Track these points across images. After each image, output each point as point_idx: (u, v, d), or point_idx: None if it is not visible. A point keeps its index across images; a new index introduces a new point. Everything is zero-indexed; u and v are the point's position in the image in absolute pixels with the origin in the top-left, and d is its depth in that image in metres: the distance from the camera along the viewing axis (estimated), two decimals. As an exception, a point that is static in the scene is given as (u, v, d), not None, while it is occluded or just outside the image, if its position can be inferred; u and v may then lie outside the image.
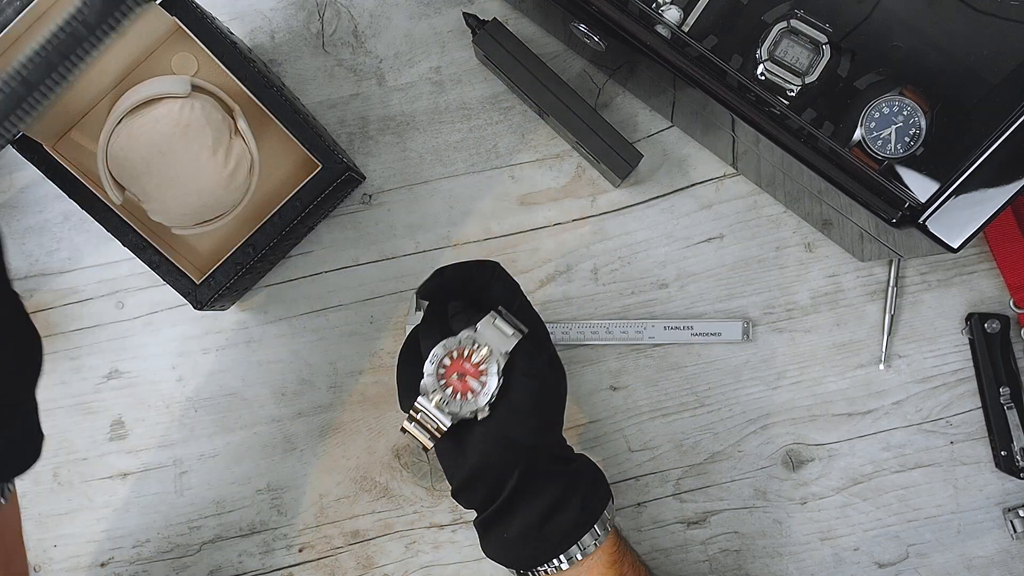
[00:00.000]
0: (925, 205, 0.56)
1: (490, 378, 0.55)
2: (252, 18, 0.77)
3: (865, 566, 0.75)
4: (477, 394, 0.55)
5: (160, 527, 0.77)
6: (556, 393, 0.59)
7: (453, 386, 0.56)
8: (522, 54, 0.72)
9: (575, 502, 0.57)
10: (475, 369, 0.55)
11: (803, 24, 0.57)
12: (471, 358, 0.56)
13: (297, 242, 0.76)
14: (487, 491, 0.57)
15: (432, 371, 0.56)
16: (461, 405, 0.55)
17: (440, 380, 0.56)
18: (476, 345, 0.55)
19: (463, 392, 0.55)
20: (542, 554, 0.57)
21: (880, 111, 0.57)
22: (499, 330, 0.56)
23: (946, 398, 0.75)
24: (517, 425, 0.56)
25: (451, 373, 0.56)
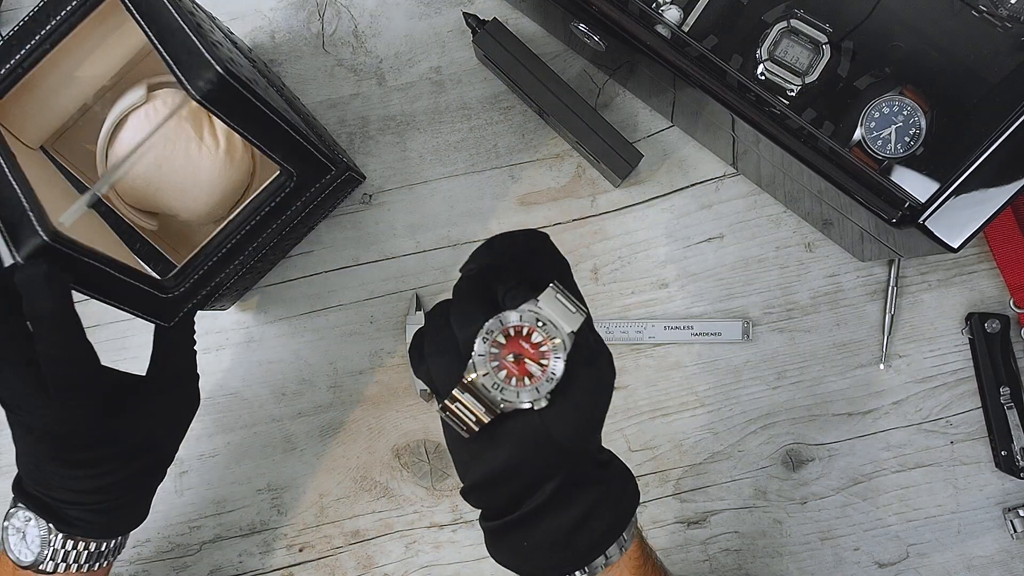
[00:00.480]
0: (925, 205, 0.56)
1: (554, 363, 0.46)
2: (252, 18, 0.77)
3: (865, 566, 0.75)
4: (538, 380, 0.46)
5: (160, 527, 0.77)
6: (610, 391, 0.50)
7: (508, 369, 0.46)
8: (522, 54, 0.72)
9: (607, 510, 0.51)
10: (536, 351, 0.47)
11: (803, 24, 0.58)
12: (531, 337, 0.46)
13: (297, 242, 0.76)
14: (512, 495, 0.49)
15: (484, 350, 0.46)
16: (518, 392, 0.46)
17: (493, 361, 0.46)
18: (540, 323, 0.46)
19: (520, 376, 0.46)
20: (565, 566, 0.51)
21: (880, 111, 0.57)
22: (563, 306, 0.47)
23: (946, 398, 0.75)
24: (567, 425, 0.47)
25: (506, 353, 0.46)
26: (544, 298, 0.47)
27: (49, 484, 0.58)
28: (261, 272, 0.75)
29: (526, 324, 0.46)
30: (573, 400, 0.47)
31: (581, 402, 0.47)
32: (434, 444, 0.76)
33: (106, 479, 0.58)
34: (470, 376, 0.46)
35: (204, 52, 0.53)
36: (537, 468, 0.48)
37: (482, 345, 0.46)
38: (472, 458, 0.49)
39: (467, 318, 0.47)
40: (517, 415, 0.47)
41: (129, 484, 0.60)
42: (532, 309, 0.47)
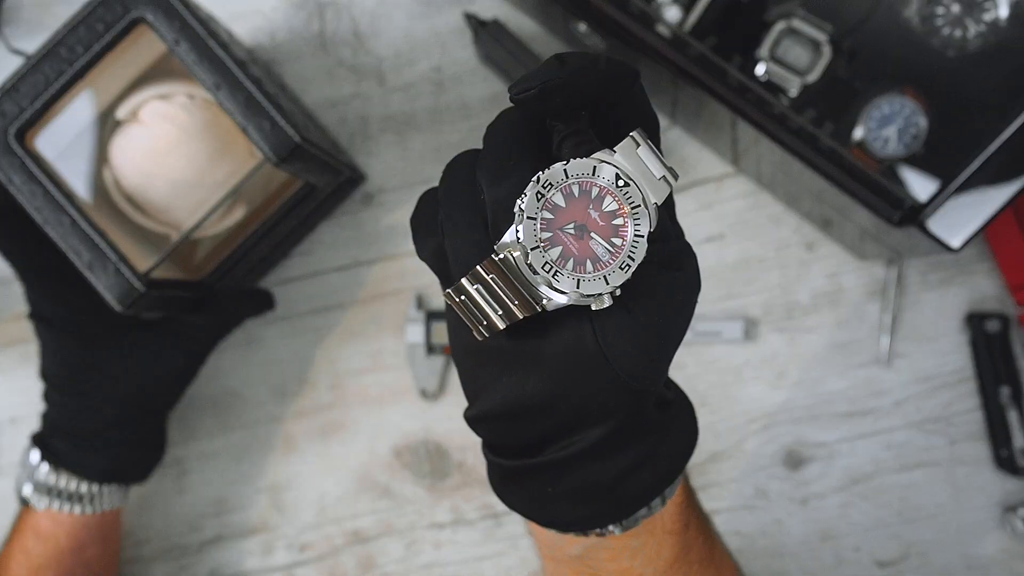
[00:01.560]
0: (925, 205, 0.56)
1: (634, 243, 0.32)
2: (252, 18, 0.77)
3: (866, 566, 0.75)
4: (605, 266, 0.32)
5: (160, 526, 0.77)
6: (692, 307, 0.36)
7: (564, 245, 0.32)
8: (523, 54, 0.72)
9: (663, 456, 0.39)
10: (608, 223, 0.32)
11: (804, 24, 0.58)
12: (603, 204, 0.32)
13: (298, 242, 0.76)
14: (541, 432, 0.36)
15: (534, 209, 0.32)
16: (577, 280, 0.32)
17: (545, 230, 0.32)
18: (620, 182, 0.32)
19: (580, 259, 0.32)
20: (599, 519, 0.39)
21: (881, 111, 0.57)
22: (645, 165, 0.33)
23: (946, 398, 0.75)
24: (634, 351, 0.33)
25: (564, 222, 0.32)
26: (623, 149, 0.33)
27: (47, 415, 0.65)
28: (261, 272, 0.75)
29: (599, 181, 0.32)
30: (647, 315, 0.33)
31: (657, 320, 0.34)
32: (434, 444, 0.76)
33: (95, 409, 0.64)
34: (508, 251, 0.32)
35: (280, 122, 0.57)
36: (582, 405, 0.35)
37: (534, 204, 0.32)
38: (486, 374, 0.36)
39: (507, 166, 0.34)
40: (564, 321, 0.33)
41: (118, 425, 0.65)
42: (610, 160, 0.33)
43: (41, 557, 0.65)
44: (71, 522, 0.65)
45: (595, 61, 0.34)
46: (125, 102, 0.65)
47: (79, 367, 0.64)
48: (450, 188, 0.35)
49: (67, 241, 0.58)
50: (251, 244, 0.69)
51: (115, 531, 0.70)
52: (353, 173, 0.72)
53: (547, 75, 0.33)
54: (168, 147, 0.63)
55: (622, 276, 0.32)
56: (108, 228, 0.61)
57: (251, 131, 0.57)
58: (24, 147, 0.58)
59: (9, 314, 0.77)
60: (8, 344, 0.77)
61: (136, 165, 0.64)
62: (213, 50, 0.57)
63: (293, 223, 0.70)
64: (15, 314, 0.77)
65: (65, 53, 0.58)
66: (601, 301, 0.32)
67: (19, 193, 0.58)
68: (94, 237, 0.58)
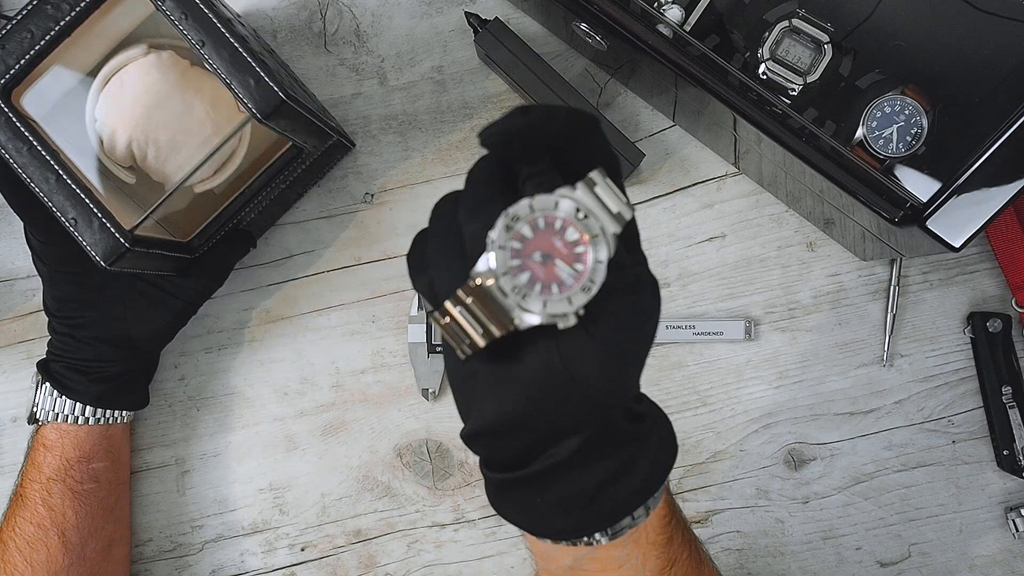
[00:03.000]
0: (927, 204, 0.56)
1: (595, 267, 0.36)
2: (254, 17, 0.77)
3: (867, 565, 0.75)
4: (569, 289, 0.36)
5: (162, 526, 0.77)
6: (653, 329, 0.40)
7: (532, 271, 0.36)
8: (524, 53, 0.72)
9: (641, 466, 0.42)
10: (570, 251, 0.36)
11: (805, 23, 0.58)
12: (566, 234, 0.36)
13: (287, 208, 0.76)
14: (523, 447, 0.40)
15: (504, 240, 0.35)
16: (544, 301, 0.35)
17: (514, 258, 0.36)
18: (579, 214, 0.36)
19: (546, 283, 0.36)
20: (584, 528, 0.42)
21: (882, 110, 0.57)
22: (602, 202, 0.37)
23: (948, 397, 0.75)
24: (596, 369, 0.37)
25: (531, 251, 0.36)
26: (583, 186, 0.36)
27: (50, 342, 0.70)
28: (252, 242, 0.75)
29: (562, 214, 0.36)
30: (604, 337, 0.37)
31: (615, 341, 0.37)
32: (436, 443, 0.76)
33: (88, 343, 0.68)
34: (482, 280, 0.36)
35: (265, 78, 0.57)
36: (556, 420, 0.38)
37: (503, 235, 0.35)
38: (475, 395, 0.40)
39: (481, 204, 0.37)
40: (535, 344, 0.37)
41: (111, 359, 0.69)
42: (568, 195, 0.36)
43: (50, 468, 0.69)
44: (75, 432, 0.69)
45: (555, 112, 0.37)
46: (112, 60, 0.65)
47: (72, 304, 0.68)
48: (435, 225, 0.40)
49: (52, 198, 0.59)
50: (239, 207, 0.70)
51: (123, 449, 0.74)
52: (342, 138, 0.72)
53: (510, 124, 0.37)
54: (154, 105, 0.63)
55: (584, 297, 0.36)
56: (95, 186, 0.62)
57: (236, 87, 0.58)
58: (10, 104, 0.59)
59: (9, 314, 0.77)
60: (8, 344, 0.77)
61: (122, 123, 0.64)
62: (198, 6, 0.57)
63: (281, 186, 0.71)
64: (15, 314, 0.77)
65: (51, 11, 0.58)
66: (567, 320, 0.36)
67: (4, 150, 0.59)
68: (80, 194, 0.59)
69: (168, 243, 0.66)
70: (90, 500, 0.69)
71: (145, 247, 0.61)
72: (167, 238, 0.67)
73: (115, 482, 0.72)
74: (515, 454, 0.41)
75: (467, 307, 0.36)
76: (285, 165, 0.69)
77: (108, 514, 0.71)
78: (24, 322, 0.77)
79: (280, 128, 0.61)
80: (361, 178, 0.77)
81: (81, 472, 0.69)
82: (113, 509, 0.72)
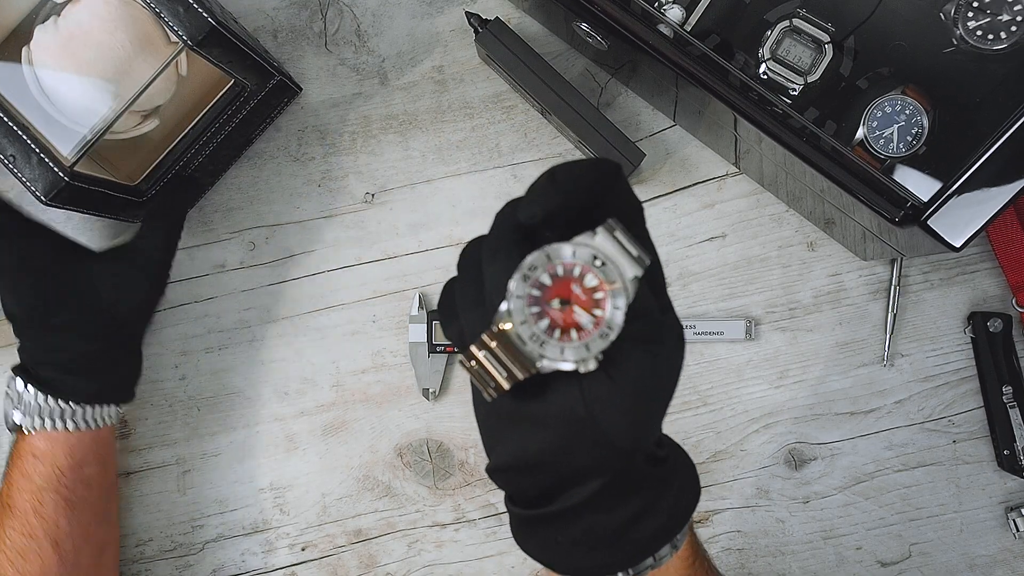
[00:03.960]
0: (927, 204, 0.56)
1: (612, 313, 0.36)
2: (255, 17, 0.77)
3: (868, 565, 0.75)
4: (588, 335, 0.36)
5: (163, 526, 0.77)
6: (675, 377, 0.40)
7: (551, 317, 0.37)
8: (524, 53, 0.72)
9: (662, 508, 0.43)
10: (588, 297, 0.37)
11: (805, 23, 0.58)
12: (584, 280, 0.37)
13: (237, 155, 0.76)
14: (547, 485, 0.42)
15: (523, 291, 0.36)
16: (562, 348, 0.36)
17: (532, 306, 0.37)
18: (597, 262, 0.37)
19: (565, 328, 0.37)
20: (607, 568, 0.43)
21: (882, 110, 0.57)
22: (622, 247, 0.37)
23: (948, 397, 0.75)
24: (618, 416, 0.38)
25: (551, 297, 0.37)
26: (603, 232, 0.37)
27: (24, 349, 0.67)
28: (203, 186, 0.76)
29: (580, 261, 0.37)
30: (626, 384, 0.37)
31: (637, 389, 0.38)
32: (436, 443, 0.76)
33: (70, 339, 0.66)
34: (503, 324, 0.37)
35: (194, 5, 0.59)
36: (578, 462, 0.40)
37: (521, 285, 0.36)
38: (500, 433, 0.41)
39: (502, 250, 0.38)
40: (559, 385, 0.38)
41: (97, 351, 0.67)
42: (588, 243, 0.37)
43: (41, 478, 0.66)
44: (66, 439, 0.67)
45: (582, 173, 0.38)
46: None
47: (41, 300, 0.66)
48: (461, 270, 0.41)
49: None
50: (184, 148, 0.70)
51: (111, 452, 0.72)
52: (286, 79, 0.72)
53: (545, 201, 0.38)
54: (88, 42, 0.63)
55: (602, 343, 0.36)
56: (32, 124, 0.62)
57: (165, 15, 0.58)
58: None
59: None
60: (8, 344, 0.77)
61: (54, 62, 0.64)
62: None
63: (227, 128, 0.71)
64: (18, 313, 0.77)
65: None
66: (587, 365, 0.37)
67: None
68: (16, 130, 0.60)
69: (112, 183, 0.66)
70: (82, 507, 0.68)
71: (86, 183, 0.62)
72: (109, 178, 0.67)
73: (106, 486, 0.71)
74: (537, 492, 0.42)
75: (491, 351, 0.37)
76: (228, 104, 0.70)
77: (100, 519, 0.70)
78: (25, 322, 0.77)
79: (214, 58, 0.62)
80: (362, 178, 0.77)
81: (73, 479, 0.67)
82: (105, 514, 0.71)
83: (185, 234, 0.76)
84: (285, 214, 0.77)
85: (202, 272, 0.77)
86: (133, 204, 0.69)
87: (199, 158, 0.71)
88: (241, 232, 0.77)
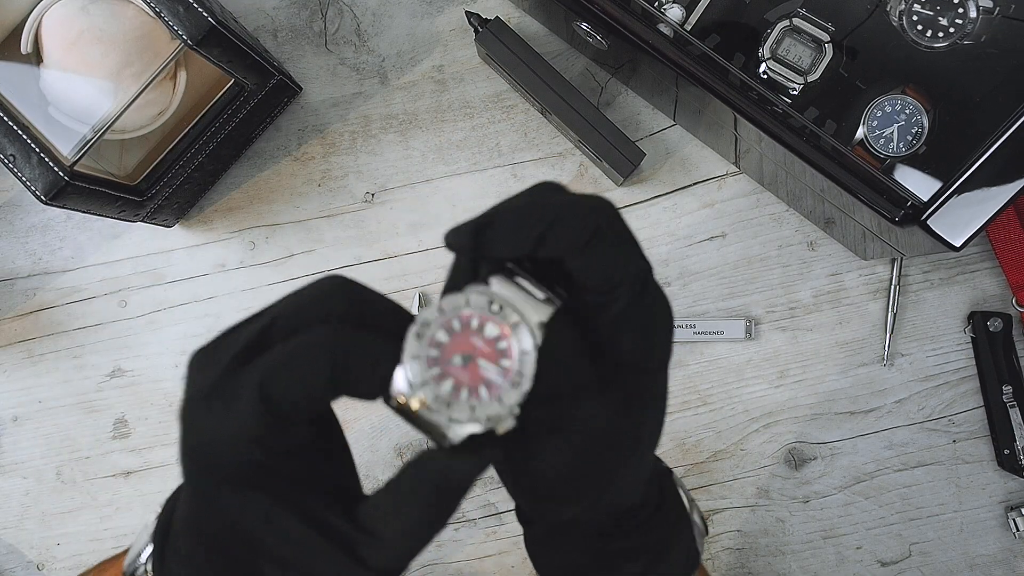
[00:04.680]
0: (927, 203, 0.56)
1: (521, 359, 0.32)
2: (255, 17, 0.77)
3: (868, 564, 0.75)
4: (498, 388, 0.32)
5: (163, 525, 0.77)
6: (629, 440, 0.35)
7: (455, 376, 0.32)
8: (524, 53, 0.72)
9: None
10: (492, 348, 0.32)
11: (805, 23, 0.58)
12: (484, 330, 0.32)
13: (237, 155, 0.76)
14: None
15: (419, 351, 0.32)
16: (472, 407, 0.32)
17: (432, 367, 0.32)
18: (493, 307, 0.32)
19: (472, 387, 0.32)
20: None
21: (882, 109, 0.57)
22: (523, 290, 0.33)
23: (948, 396, 0.75)
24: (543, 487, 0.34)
25: (450, 355, 0.32)
26: (498, 280, 0.33)
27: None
28: (203, 184, 0.76)
29: (476, 311, 0.32)
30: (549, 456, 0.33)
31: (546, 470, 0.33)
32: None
33: None
34: (401, 400, 0.33)
35: (194, 4, 0.59)
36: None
37: (415, 345, 0.32)
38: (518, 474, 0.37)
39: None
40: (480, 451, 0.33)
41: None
42: (480, 291, 0.33)
43: None
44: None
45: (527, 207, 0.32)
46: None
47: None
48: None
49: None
50: (184, 148, 0.70)
51: None
52: (286, 78, 0.72)
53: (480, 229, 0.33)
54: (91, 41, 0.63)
55: (516, 394, 0.32)
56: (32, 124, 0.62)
57: (165, 14, 0.59)
58: None
59: (9, 313, 0.77)
60: (8, 343, 0.77)
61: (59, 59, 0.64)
62: None
63: (227, 128, 0.71)
64: (15, 313, 0.77)
65: None
66: (505, 423, 0.32)
67: None
68: (16, 130, 0.60)
69: (112, 183, 0.66)
70: None
71: (87, 183, 0.62)
72: (110, 177, 0.67)
73: None
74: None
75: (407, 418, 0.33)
76: (228, 103, 0.70)
77: None
78: (24, 321, 0.77)
79: (214, 58, 0.62)
80: (362, 177, 0.77)
81: None
82: None
83: (185, 233, 0.76)
84: (285, 213, 0.77)
85: (202, 272, 0.77)
86: (133, 204, 0.69)
87: (199, 158, 0.71)
88: (241, 231, 0.77)
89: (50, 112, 0.65)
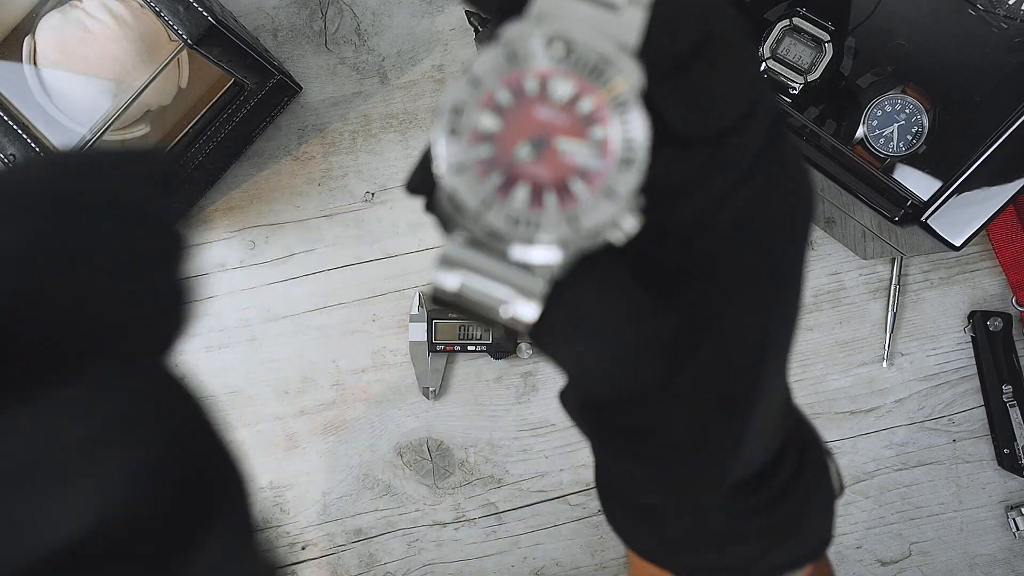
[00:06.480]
0: (927, 203, 0.56)
1: (624, 119, 0.21)
2: (255, 16, 0.77)
3: (868, 564, 0.75)
4: (601, 176, 0.21)
5: (163, 525, 0.77)
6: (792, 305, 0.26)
7: (526, 177, 0.21)
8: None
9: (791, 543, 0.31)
10: (571, 113, 0.21)
11: (805, 22, 0.57)
12: (549, 89, 0.21)
13: (237, 155, 0.76)
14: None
15: (461, 154, 0.21)
16: (571, 214, 0.21)
17: (489, 173, 0.21)
18: (555, 49, 0.21)
19: (560, 184, 0.21)
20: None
21: (883, 109, 0.57)
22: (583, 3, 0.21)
23: (948, 396, 0.75)
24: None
25: (511, 145, 0.21)
26: (538, 3, 0.21)
27: None
28: (203, 185, 0.76)
29: (529, 64, 0.21)
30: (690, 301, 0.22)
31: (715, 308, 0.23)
32: (436, 442, 0.76)
33: None
34: (450, 233, 0.22)
35: (194, 4, 0.60)
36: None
37: (455, 146, 0.21)
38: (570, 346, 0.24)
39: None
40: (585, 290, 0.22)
41: None
42: (528, 28, 0.21)
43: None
44: None
45: None
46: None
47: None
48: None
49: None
50: (184, 147, 0.70)
51: None
52: (286, 78, 0.73)
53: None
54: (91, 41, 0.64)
55: (632, 175, 0.21)
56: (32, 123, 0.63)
57: (165, 14, 0.59)
58: None
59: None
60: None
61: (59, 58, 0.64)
62: None
63: (227, 127, 0.71)
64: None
65: None
66: (620, 228, 0.21)
67: None
68: (16, 129, 0.60)
69: None
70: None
71: None
72: None
73: None
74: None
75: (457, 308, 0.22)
76: (228, 103, 0.70)
77: None
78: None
79: (214, 57, 0.62)
80: (362, 177, 0.77)
81: None
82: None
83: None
84: (285, 213, 0.77)
85: (202, 271, 0.77)
86: None
87: (199, 157, 0.71)
88: (241, 231, 0.77)
89: (50, 112, 0.65)
